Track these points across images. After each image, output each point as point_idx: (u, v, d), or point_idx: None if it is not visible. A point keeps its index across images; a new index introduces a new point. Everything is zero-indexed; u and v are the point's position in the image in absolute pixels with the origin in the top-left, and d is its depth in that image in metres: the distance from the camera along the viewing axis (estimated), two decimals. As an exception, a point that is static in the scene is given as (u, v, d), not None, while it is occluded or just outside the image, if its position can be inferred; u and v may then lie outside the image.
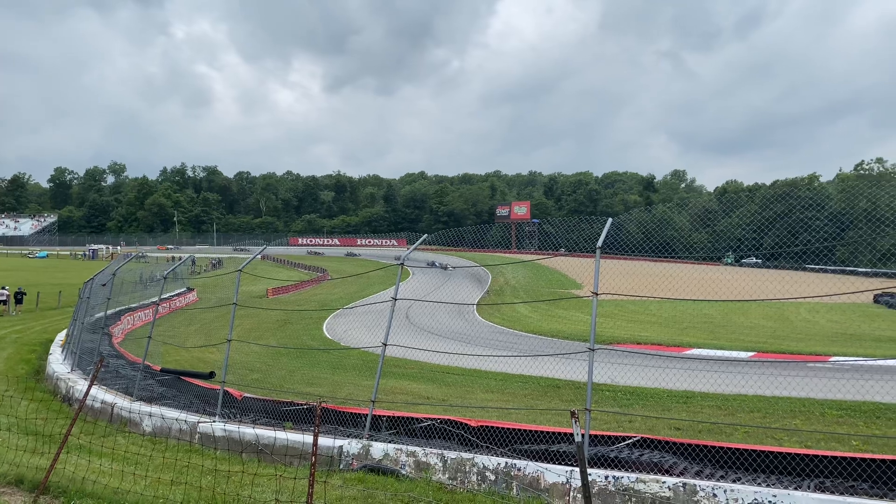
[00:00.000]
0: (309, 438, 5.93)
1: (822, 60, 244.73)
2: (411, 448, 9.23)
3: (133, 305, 36.19)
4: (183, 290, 50.84)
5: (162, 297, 20.46)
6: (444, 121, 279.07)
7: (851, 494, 7.12)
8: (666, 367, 19.11)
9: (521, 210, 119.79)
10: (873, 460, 7.80)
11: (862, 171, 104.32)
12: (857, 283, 31.00)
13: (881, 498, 6.86)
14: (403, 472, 8.93)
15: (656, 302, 42.38)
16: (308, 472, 5.40)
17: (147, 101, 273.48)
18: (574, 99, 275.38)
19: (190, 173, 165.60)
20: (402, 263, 12.00)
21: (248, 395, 13.90)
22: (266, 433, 9.80)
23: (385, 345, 10.77)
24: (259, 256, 17.61)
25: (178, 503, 6.36)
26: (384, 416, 11.04)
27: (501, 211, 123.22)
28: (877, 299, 43.78)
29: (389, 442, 9.78)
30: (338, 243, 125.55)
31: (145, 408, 12.69)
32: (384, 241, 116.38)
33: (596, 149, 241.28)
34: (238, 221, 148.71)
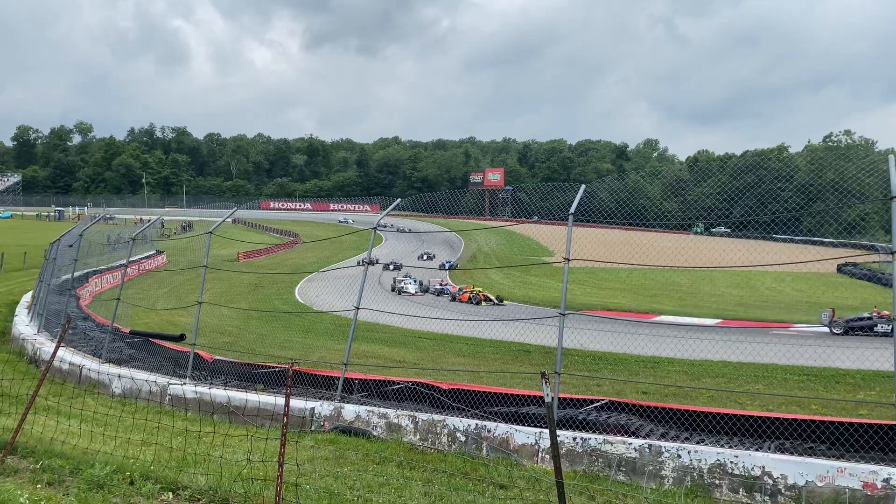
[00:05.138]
0: (280, 400, 5.94)
1: (808, 30, 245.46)
2: (383, 410, 9.31)
3: (101, 268, 35.63)
4: (152, 252, 50.16)
5: (130, 259, 20.14)
6: (425, 85, 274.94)
7: (810, 455, 7.36)
8: (634, 333, 19.44)
9: (494, 177, 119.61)
10: (831, 423, 8.06)
11: (830, 143, 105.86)
12: (821, 253, 31.67)
13: (838, 458, 7.11)
14: (375, 434, 9.03)
15: (626, 269, 42.91)
16: (280, 433, 5.43)
17: (117, 58, 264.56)
18: (558, 65, 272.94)
19: (159, 134, 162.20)
20: (375, 229, 11.97)
21: (220, 357, 13.85)
22: (237, 395, 9.80)
23: (357, 308, 10.78)
24: (230, 220, 17.43)
25: (149, 463, 6.36)
26: (356, 379, 11.10)
27: (475, 177, 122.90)
28: (840, 269, 44.75)
29: (361, 404, 9.86)
30: (310, 207, 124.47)
31: (114, 369, 12.59)
32: (357, 205, 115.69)
33: (576, 116, 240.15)
34: (208, 184, 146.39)
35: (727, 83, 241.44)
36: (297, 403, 9.38)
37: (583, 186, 9.60)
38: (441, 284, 38.46)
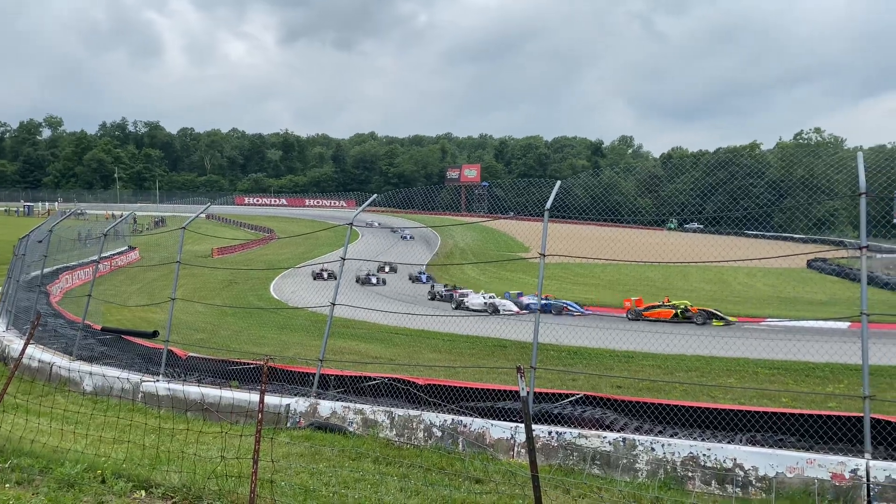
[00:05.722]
0: (255, 397, 5.90)
1: (785, 28, 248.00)
2: (359, 406, 9.29)
3: (72, 264, 35.08)
4: (125, 248, 49.48)
5: (102, 255, 19.84)
6: (404, 80, 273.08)
7: (780, 447, 7.49)
8: (609, 328, 19.58)
9: (471, 173, 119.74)
10: (801, 415, 8.21)
11: (801, 141, 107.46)
12: (792, 249, 32.20)
13: (807, 450, 7.24)
14: (351, 430, 9.00)
15: (601, 265, 43.25)
16: (255, 430, 5.39)
17: (89, 51, 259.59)
18: (536, 61, 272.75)
19: (131, 128, 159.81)
20: (352, 224, 11.92)
21: (193, 354, 13.71)
22: (211, 392, 9.71)
23: (334, 304, 10.73)
24: (204, 215, 17.18)
25: (121, 461, 6.29)
26: (332, 376, 11.06)
27: (452, 173, 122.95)
28: (810, 264, 45.50)
29: (337, 400, 9.82)
30: (285, 203, 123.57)
31: (86, 367, 12.40)
32: (333, 201, 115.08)
33: (553, 113, 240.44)
34: (182, 179, 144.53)
35: (703, 81, 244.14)
36: (272, 400, 9.32)
37: (558, 182, 9.65)
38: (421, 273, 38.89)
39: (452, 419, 8.55)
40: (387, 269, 42.49)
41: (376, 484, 6.19)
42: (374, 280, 38.94)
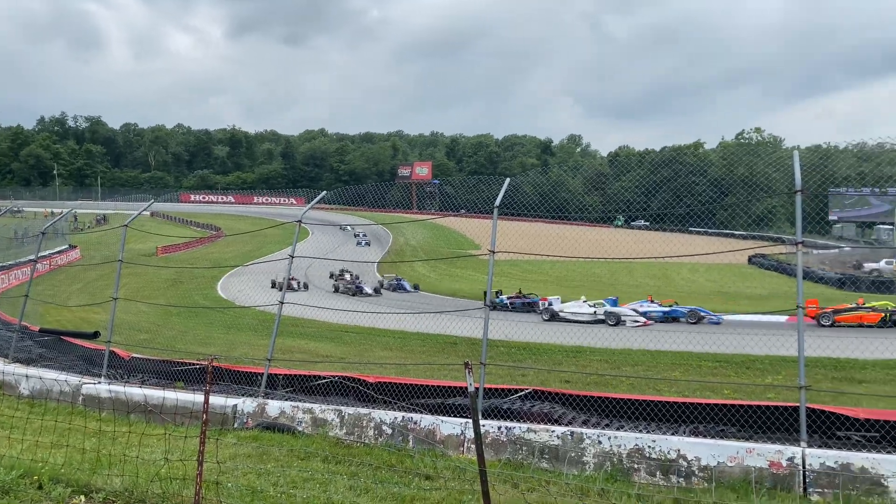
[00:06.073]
0: (200, 398, 5.79)
1: (728, 29, 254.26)
2: (308, 405, 9.20)
3: (8, 263, 33.82)
4: (65, 247, 47.91)
5: (40, 254, 19.16)
6: (354, 76, 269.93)
7: (721, 437, 7.73)
8: (558, 324, 19.86)
9: (422, 171, 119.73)
10: (741, 406, 8.48)
11: (742, 140, 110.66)
12: (733, 245, 33.14)
13: (747, 440, 7.47)
14: (300, 429, 8.91)
15: (549, 262, 43.77)
16: (199, 431, 5.29)
17: (26, 42, 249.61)
18: (487, 58, 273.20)
19: (71, 123, 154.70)
20: (300, 221, 11.79)
21: (137, 355, 13.40)
22: (155, 393, 9.48)
23: (282, 303, 10.61)
24: (148, 213, 16.69)
25: (60, 466, 6.08)
26: (281, 375, 10.93)
27: (403, 171, 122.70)
28: (751, 260, 46.90)
29: (286, 400, 9.71)
30: (233, 200, 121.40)
31: (22, 369, 11.96)
32: (283, 198, 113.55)
33: (504, 111, 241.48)
34: (125, 176, 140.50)
35: (649, 80, 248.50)
36: (218, 400, 9.15)
37: (507, 180, 9.73)
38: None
39: (403, 416, 8.54)
40: (348, 276, 40.22)
41: (325, 483, 6.14)
42: (367, 290, 35.86)
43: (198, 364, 11.89)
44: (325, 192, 12.05)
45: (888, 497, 6.13)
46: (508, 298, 29.58)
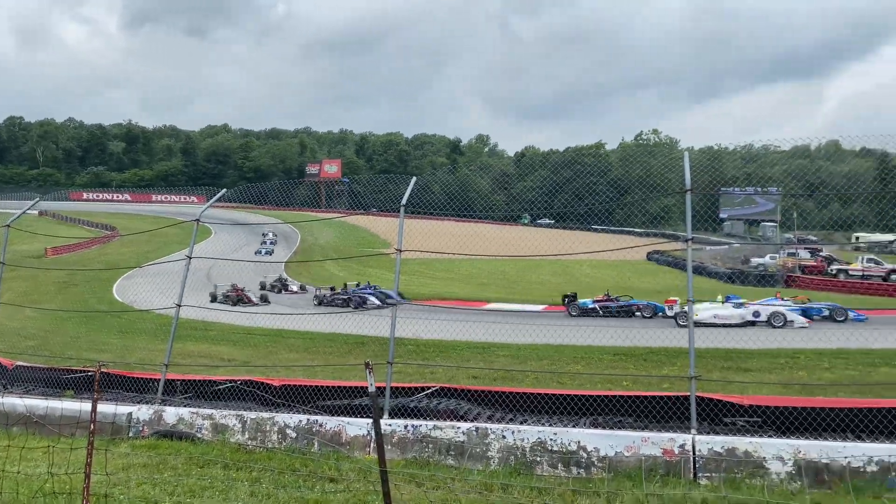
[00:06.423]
0: (88, 406, 5.49)
1: (629, 33, 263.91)
2: (207, 411, 8.90)
3: None
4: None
5: None
6: (260, 71, 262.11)
7: (619, 428, 8.02)
8: (467, 321, 20.06)
9: (331, 168, 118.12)
10: (638, 397, 8.84)
11: (640, 141, 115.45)
12: (633, 242, 34.50)
13: (643, 430, 7.79)
14: (200, 436, 8.60)
15: (458, 260, 44.19)
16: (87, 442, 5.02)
17: None
18: (398, 57, 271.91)
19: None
20: (199, 220, 11.37)
21: (22, 363, 12.58)
22: (39, 403, 8.92)
23: (179, 305, 10.21)
24: (35, 211, 15.61)
25: (-71, 487, 5.63)
26: (179, 380, 10.52)
27: (311, 169, 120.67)
28: (649, 256, 48.93)
29: (185, 406, 9.36)
30: (129, 199, 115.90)
31: None
32: (183, 196, 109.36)
33: (413, 109, 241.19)
34: (10, 172, 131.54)
35: (555, 82, 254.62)
36: (108, 409, 8.70)
37: (413, 178, 9.75)
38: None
39: (307, 419, 8.40)
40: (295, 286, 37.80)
41: (225, 490, 5.97)
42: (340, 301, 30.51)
43: (90, 371, 11.27)
44: (224, 189, 11.69)
45: (769, 478, 6.53)
46: (595, 302, 26.12)
